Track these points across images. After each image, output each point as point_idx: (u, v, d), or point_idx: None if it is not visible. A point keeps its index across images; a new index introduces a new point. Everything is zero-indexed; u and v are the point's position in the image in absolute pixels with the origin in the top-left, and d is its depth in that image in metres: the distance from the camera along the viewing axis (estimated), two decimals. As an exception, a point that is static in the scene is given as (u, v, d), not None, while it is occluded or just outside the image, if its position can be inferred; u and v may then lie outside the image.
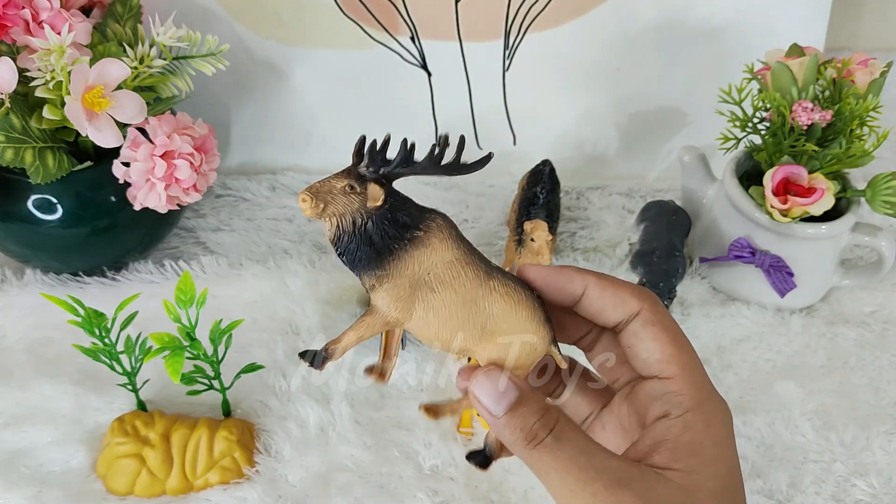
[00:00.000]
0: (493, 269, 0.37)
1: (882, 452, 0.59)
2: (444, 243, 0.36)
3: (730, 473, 0.35)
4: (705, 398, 0.35)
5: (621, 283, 0.37)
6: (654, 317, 0.36)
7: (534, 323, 0.36)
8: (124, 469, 0.55)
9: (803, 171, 0.61)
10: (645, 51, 0.76)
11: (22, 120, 0.57)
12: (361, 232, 0.36)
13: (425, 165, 0.37)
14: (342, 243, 0.36)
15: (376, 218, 0.36)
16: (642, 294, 0.37)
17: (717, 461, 0.34)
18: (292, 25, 0.73)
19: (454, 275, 0.36)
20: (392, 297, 0.36)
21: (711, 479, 0.34)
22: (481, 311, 0.36)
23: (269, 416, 0.59)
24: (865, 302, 0.70)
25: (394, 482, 0.56)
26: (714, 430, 0.35)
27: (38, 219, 0.61)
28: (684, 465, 0.33)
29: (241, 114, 0.78)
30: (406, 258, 0.36)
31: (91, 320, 0.53)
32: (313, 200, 0.35)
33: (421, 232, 0.36)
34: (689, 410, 0.34)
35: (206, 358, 0.55)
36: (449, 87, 0.76)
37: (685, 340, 0.37)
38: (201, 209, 0.75)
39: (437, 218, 0.37)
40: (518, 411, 0.34)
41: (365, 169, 0.36)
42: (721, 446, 0.35)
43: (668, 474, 0.33)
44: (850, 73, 0.62)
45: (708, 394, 0.35)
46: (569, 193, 0.78)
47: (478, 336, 0.36)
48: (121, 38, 0.62)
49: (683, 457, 0.34)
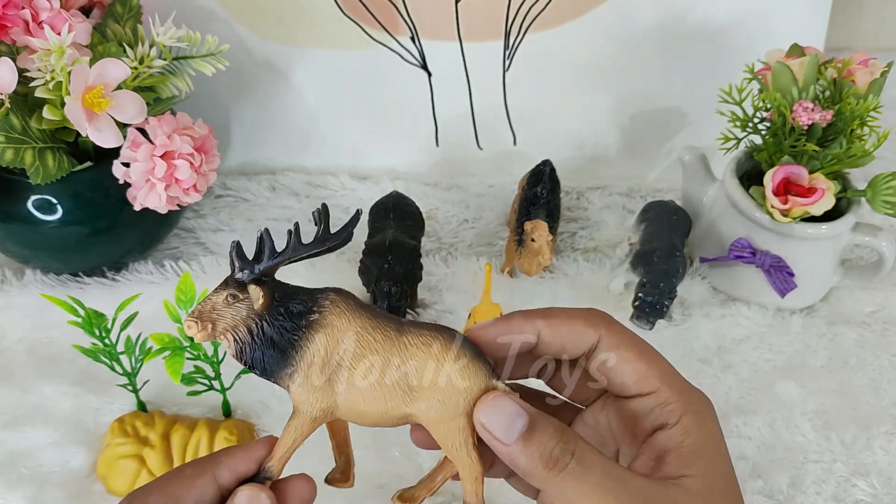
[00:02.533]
0: (403, 325, 0.35)
1: (882, 452, 0.59)
2: (342, 317, 0.35)
3: (729, 466, 0.35)
4: (690, 399, 0.35)
5: (572, 314, 0.37)
6: (615, 339, 0.36)
7: (458, 364, 0.34)
8: (124, 469, 0.55)
9: (804, 171, 0.61)
10: (645, 51, 0.76)
11: (22, 120, 0.57)
12: (260, 337, 0.34)
13: (297, 248, 0.36)
14: (247, 355, 0.35)
15: (269, 317, 0.34)
16: (595, 320, 0.36)
17: (720, 458, 0.35)
18: (292, 26, 0.73)
19: (364, 345, 0.34)
20: (307, 390, 0.34)
21: (720, 478, 0.34)
22: (402, 372, 0.34)
23: (269, 417, 0.59)
24: (866, 302, 0.70)
25: (394, 482, 0.56)
26: (708, 426, 0.35)
27: (38, 219, 0.61)
28: (695, 470, 0.34)
29: (241, 114, 0.78)
30: (309, 346, 0.34)
31: (91, 321, 0.53)
32: (199, 324, 0.34)
33: (316, 314, 0.35)
34: (683, 415, 0.35)
35: (206, 358, 0.55)
36: (449, 87, 0.76)
37: (649, 348, 0.36)
38: (201, 209, 0.75)
39: (330, 294, 0.35)
40: (534, 436, 0.33)
41: (241, 273, 0.35)
42: (717, 441, 0.35)
43: (683, 482, 0.33)
44: (851, 73, 0.62)
45: (690, 393, 0.36)
46: (569, 193, 0.78)
47: (408, 397, 0.35)
48: (121, 38, 0.62)
49: (692, 461, 0.34)
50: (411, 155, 0.80)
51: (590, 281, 0.70)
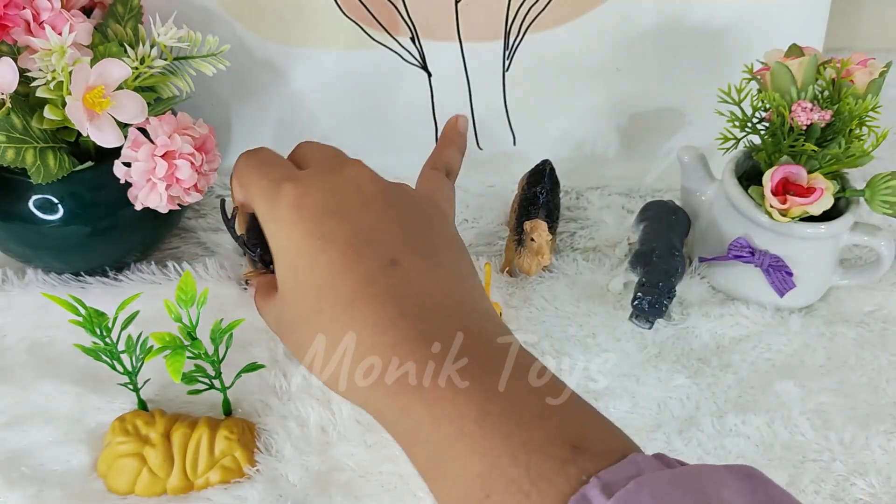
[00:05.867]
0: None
1: (881, 452, 0.59)
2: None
3: (296, 245, 0.39)
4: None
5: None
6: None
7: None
8: (125, 468, 0.55)
9: (802, 170, 0.62)
10: (645, 51, 0.76)
11: (23, 120, 0.57)
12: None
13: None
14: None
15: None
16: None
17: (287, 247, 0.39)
18: (292, 26, 0.73)
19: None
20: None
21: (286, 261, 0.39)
22: None
23: (270, 416, 0.60)
24: (864, 301, 0.70)
25: (394, 481, 0.57)
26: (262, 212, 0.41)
27: (39, 219, 0.61)
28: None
29: (242, 114, 0.78)
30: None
31: (92, 320, 0.53)
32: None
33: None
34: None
35: (206, 357, 0.55)
36: (449, 88, 0.77)
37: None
38: (202, 209, 0.76)
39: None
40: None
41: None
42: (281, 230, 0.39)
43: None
44: (850, 73, 0.62)
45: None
46: (568, 193, 0.78)
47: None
48: (122, 38, 0.62)
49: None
50: (411, 155, 0.79)
51: (589, 280, 0.70)
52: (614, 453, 0.31)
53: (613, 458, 0.31)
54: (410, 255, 0.37)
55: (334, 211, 0.37)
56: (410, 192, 0.41)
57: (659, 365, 0.64)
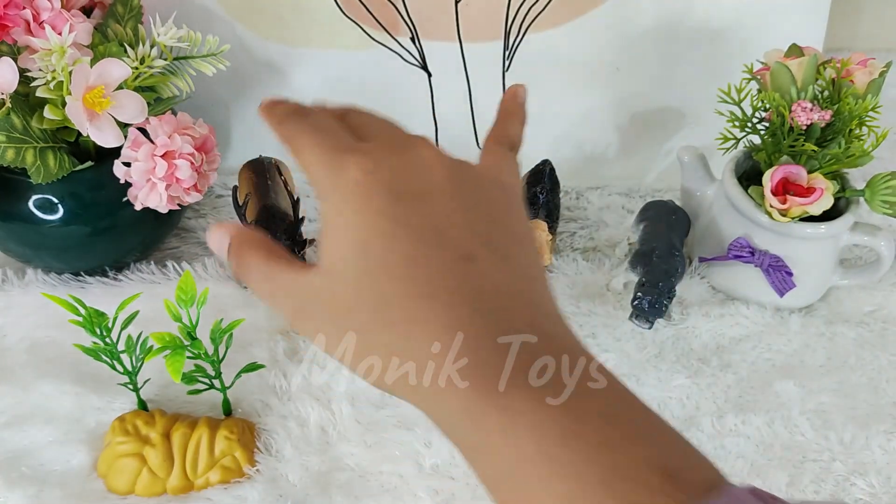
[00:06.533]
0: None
1: (881, 452, 0.59)
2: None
3: (359, 233, 0.34)
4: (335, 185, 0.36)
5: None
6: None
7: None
8: (125, 468, 0.55)
9: (802, 170, 0.62)
10: (645, 51, 0.76)
11: (23, 120, 0.57)
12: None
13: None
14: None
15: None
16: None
17: (344, 227, 0.35)
18: (292, 26, 0.73)
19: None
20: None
21: (343, 245, 0.34)
22: None
23: (270, 416, 0.60)
24: (864, 301, 0.70)
25: (394, 481, 0.57)
26: (334, 202, 0.35)
27: (39, 219, 0.61)
28: (324, 248, 0.35)
29: (242, 114, 0.78)
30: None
31: (92, 320, 0.53)
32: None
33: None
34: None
35: (206, 357, 0.55)
36: (449, 88, 0.77)
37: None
38: (202, 209, 0.76)
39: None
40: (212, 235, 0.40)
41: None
42: (341, 211, 0.35)
43: (320, 263, 0.35)
44: (849, 73, 0.62)
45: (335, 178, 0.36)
46: (568, 193, 0.78)
47: None
48: (122, 38, 0.62)
49: (322, 241, 0.35)
50: (411, 155, 0.80)
51: (589, 280, 0.70)
52: (705, 483, 0.29)
53: (704, 488, 0.29)
54: (485, 251, 0.34)
55: (406, 193, 0.34)
56: (480, 174, 0.38)
57: (659, 365, 0.64)
